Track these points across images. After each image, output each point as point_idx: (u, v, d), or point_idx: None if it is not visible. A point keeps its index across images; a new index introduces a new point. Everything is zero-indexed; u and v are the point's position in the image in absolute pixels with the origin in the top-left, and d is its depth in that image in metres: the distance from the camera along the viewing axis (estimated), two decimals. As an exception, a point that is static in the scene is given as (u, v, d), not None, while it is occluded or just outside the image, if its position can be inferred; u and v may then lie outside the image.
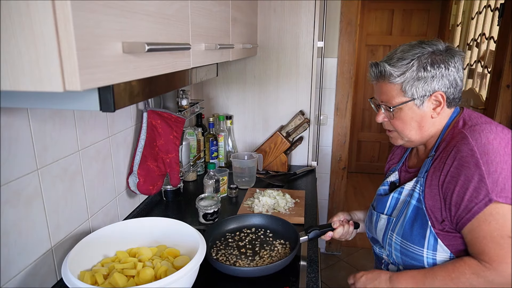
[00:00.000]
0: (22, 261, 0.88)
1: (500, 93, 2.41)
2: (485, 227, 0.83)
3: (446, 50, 0.94)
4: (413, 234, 0.95)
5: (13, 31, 0.45)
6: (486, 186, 0.82)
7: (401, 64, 0.94)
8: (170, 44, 0.71)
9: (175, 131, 1.38)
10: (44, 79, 0.47)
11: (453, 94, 0.96)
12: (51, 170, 0.96)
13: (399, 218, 1.00)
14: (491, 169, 0.83)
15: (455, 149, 0.89)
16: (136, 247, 1.07)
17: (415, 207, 0.96)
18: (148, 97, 0.72)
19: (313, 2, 1.83)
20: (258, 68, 1.97)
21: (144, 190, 1.35)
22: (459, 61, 0.94)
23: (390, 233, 1.02)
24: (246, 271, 1.07)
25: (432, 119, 0.98)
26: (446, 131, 0.99)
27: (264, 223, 1.33)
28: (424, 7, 3.92)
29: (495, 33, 2.71)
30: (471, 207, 0.84)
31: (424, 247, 0.93)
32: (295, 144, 2.00)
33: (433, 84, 0.93)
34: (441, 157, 0.93)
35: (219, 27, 1.10)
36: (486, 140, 0.86)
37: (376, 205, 1.12)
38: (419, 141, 1.02)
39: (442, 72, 0.93)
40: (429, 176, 0.94)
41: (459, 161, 0.87)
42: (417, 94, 0.94)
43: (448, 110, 0.99)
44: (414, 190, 0.98)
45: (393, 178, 1.12)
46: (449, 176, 0.88)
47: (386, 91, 0.98)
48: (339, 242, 2.84)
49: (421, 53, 0.93)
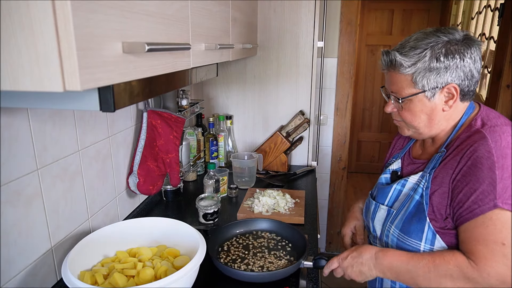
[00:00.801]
0: (22, 261, 0.88)
1: (500, 93, 2.41)
2: (482, 230, 0.82)
3: (463, 39, 0.89)
4: (411, 228, 0.94)
5: (13, 31, 0.45)
6: (495, 191, 0.81)
7: (413, 54, 0.89)
8: (170, 44, 0.71)
9: (175, 131, 1.38)
10: (44, 79, 0.47)
11: (468, 87, 0.91)
12: (51, 170, 0.96)
13: (400, 211, 0.98)
14: (504, 175, 0.81)
15: (471, 148, 0.85)
16: (136, 247, 1.07)
17: (417, 202, 0.94)
18: (148, 97, 0.72)
19: (313, 2, 1.83)
20: (258, 68, 1.97)
21: (144, 190, 1.35)
22: (476, 51, 0.89)
23: (389, 225, 1.01)
24: (251, 276, 1.06)
25: (443, 112, 0.93)
26: (460, 127, 0.95)
27: (273, 228, 1.32)
28: (424, 7, 3.92)
29: (495, 33, 2.71)
30: (474, 208, 0.83)
31: (422, 240, 0.92)
32: (295, 144, 2.00)
33: (446, 75, 0.88)
34: (455, 155, 0.89)
35: (219, 27, 1.10)
36: (506, 144, 0.83)
37: (377, 194, 1.09)
38: (428, 134, 0.98)
39: (457, 63, 0.87)
40: (438, 174, 0.92)
41: (474, 161, 0.84)
42: (428, 85, 0.90)
43: (462, 104, 0.94)
44: (418, 185, 0.95)
45: (396, 166, 1.10)
46: (461, 175, 0.86)
47: (396, 81, 0.94)
48: (339, 242, 2.84)
49: (435, 42, 0.88)
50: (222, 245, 1.24)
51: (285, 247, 1.23)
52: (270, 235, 1.30)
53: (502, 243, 0.80)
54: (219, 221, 1.44)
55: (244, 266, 1.12)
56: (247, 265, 1.12)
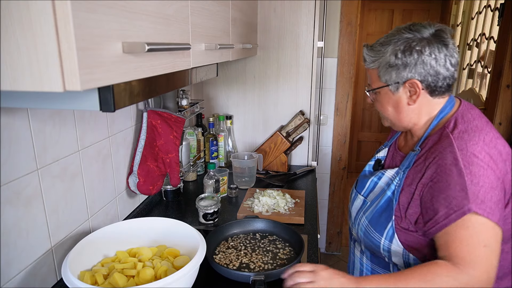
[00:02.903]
0: (22, 261, 0.88)
1: (500, 93, 2.41)
2: (463, 232, 0.82)
3: (428, 37, 0.90)
4: (378, 223, 0.98)
5: (13, 31, 0.45)
6: (467, 196, 0.82)
7: (378, 50, 0.95)
8: (170, 44, 0.71)
9: (175, 131, 1.38)
10: (44, 79, 0.47)
11: (434, 83, 0.92)
12: (51, 170, 0.96)
13: (373, 203, 1.03)
14: (474, 181, 0.82)
15: (439, 155, 0.87)
16: (136, 247, 1.07)
17: (388, 198, 0.97)
18: (148, 97, 0.72)
19: (313, 2, 1.83)
20: (258, 68, 1.97)
21: (144, 190, 1.35)
22: (439, 49, 0.90)
23: (361, 215, 1.05)
24: (248, 276, 1.06)
25: (409, 106, 0.96)
26: (436, 125, 0.97)
27: (268, 228, 1.32)
28: (424, 7, 3.92)
29: (495, 33, 2.71)
30: (450, 213, 0.83)
31: (383, 236, 0.96)
32: (295, 144, 2.00)
33: (405, 71, 0.91)
34: (424, 159, 0.92)
35: (219, 27, 1.10)
36: (472, 152, 0.84)
37: (358, 183, 1.14)
38: (401, 126, 1.02)
39: (415, 60, 0.90)
40: (409, 174, 0.94)
41: (443, 168, 0.86)
42: (390, 80, 0.94)
43: (435, 100, 0.96)
44: (392, 181, 0.98)
45: (382, 154, 1.14)
46: (431, 181, 0.87)
47: (369, 74, 1.02)
48: (339, 242, 2.84)
49: (397, 39, 0.91)
50: (220, 245, 1.24)
51: (284, 247, 1.23)
52: (267, 235, 1.30)
53: (484, 245, 0.81)
54: (219, 221, 1.44)
55: (243, 266, 1.12)
56: (246, 265, 1.13)
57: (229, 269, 1.08)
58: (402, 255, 0.95)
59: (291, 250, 1.22)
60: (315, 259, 1.20)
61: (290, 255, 1.18)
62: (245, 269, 1.11)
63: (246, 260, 1.15)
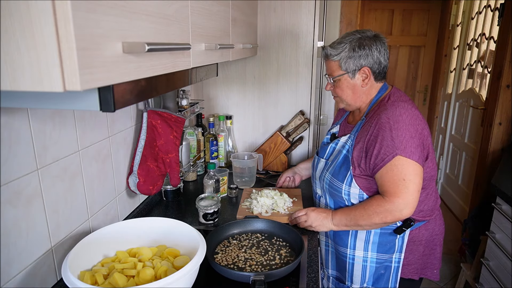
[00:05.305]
0: (22, 261, 0.88)
1: (500, 93, 2.41)
2: (390, 173, 1.16)
3: (372, 37, 1.24)
4: (339, 174, 1.29)
5: (13, 32, 0.45)
6: (394, 144, 1.14)
7: (339, 47, 1.25)
8: (170, 44, 0.71)
9: (175, 131, 1.38)
10: (44, 79, 0.47)
11: (378, 69, 1.26)
12: (51, 170, 0.96)
13: (333, 162, 1.33)
14: (399, 134, 1.14)
15: (377, 117, 1.20)
16: (136, 247, 1.07)
17: (344, 155, 1.29)
18: (148, 97, 0.72)
19: (313, 2, 1.83)
20: (258, 68, 1.97)
21: (144, 190, 1.35)
22: (380, 45, 1.24)
23: (325, 172, 1.36)
24: (248, 276, 1.06)
25: (362, 88, 1.28)
26: (376, 101, 1.29)
27: (267, 228, 1.33)
28: (424, 7, 3.92)
29: (495, 33, 2.71)
30: (383, 158, 1.16)
31: (344, 182, 1.28)
32: (295, 144, 2.00)
33: (361, 61, 1.24)
34: (369, 122, 1.23)
35: (219, 27, 1.10)
36: (399, 113, 1.17)
37: (319, 151, 1.46)
38: (354, 105, 1.33)
39: (367, 52, 1.23)
40: (358, 135, 1.26)
41: (379, 126, 1.18)
42: (349, 68, 1.25)
43: (376, 84, 1.30)
44: (346, 143, 1.30)
45: (335, 130, 1.46)
46: (372, 136, 1.19)
47: (329, 66, 1.30)
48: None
49: (352, 38, 1.24)
50: (220, 245, 1.24)
51: (284, 247, 1.23)
52: (267, 235, 1.30)
53: (403, 179, 1.15)
54: (219, 221, 1.44)
55: (243, 266, 1.12)
56: (246, 265, 1.13)
57: (229, 269, 1.07)
58: (358, 195, 1.27)
59: (291, 250, 1.22)
60: (315, 259, 1.20)
61: (290, 255, 1.19)
62: (245, 269, 1.11)
63: (246, 260, 1.15)
